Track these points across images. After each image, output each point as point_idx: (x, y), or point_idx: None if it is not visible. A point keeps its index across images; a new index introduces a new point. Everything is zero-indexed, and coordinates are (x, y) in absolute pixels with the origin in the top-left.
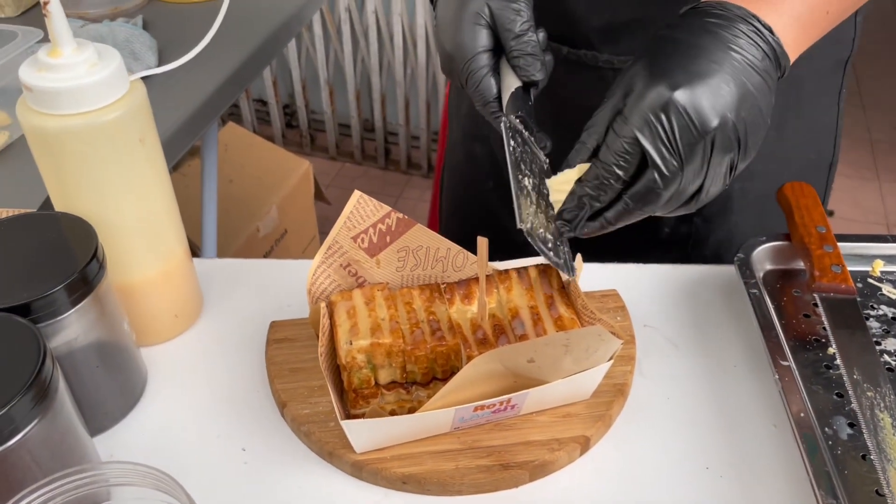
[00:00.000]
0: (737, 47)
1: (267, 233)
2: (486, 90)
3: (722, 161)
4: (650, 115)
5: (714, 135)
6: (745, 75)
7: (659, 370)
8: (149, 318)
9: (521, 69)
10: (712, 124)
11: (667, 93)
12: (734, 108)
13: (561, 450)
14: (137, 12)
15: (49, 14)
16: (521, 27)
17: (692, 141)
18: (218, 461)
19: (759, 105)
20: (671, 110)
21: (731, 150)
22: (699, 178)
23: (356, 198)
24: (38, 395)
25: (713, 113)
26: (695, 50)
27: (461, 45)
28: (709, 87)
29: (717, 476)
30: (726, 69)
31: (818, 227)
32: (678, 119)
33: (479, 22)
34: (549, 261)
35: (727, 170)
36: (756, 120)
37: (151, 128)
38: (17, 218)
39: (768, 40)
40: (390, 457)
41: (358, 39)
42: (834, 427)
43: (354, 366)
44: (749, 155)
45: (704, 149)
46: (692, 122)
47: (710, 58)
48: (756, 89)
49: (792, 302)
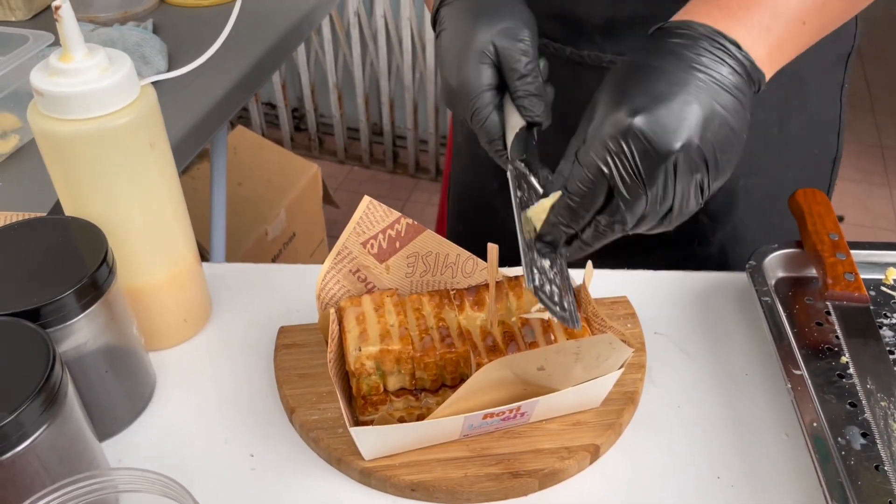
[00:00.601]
0: (701, 66)
1: (275, 236)
2: (491, 128)
3: (689, 182)
4: (609, 143)
5: (676, 158)
6: (712, 94)
7: (670, 378)
8: (158, 322)
9: (526, 109)
10: (673, 147)
11: (625, 119)
12: (698, 129)
13: (571, 458)
14: (147, 16)
15: (60, 19)
16: (527, 67)
17: (653, 165)
18: (226, 467)
19: (730, 123)
20: (629, 136)
21: (697, 172)
22: (667, 201)
23: (366, 203)
24: (47, 401)
25: (674, 136)
26: (655, 73)
27: (466, 82)
28: (669, 109)
29: (727, 485)
30: (689, 90)
31: (831, 235)
32: (637, 144)
33: (483, 60)
34: (556, 316)
35: (696, 190)
36: (727, 139)
37: (161, 132)
38: (27, 222)
39: (736, 56)
40: (399, 464)
41: (367, 43)
42: (847, 437)
43: (363, 372)
44: (722, 173)
45: (667, 172)
46: (652, 147)
47: (671, 79)
48: (725, 108)
49: (804, 310)
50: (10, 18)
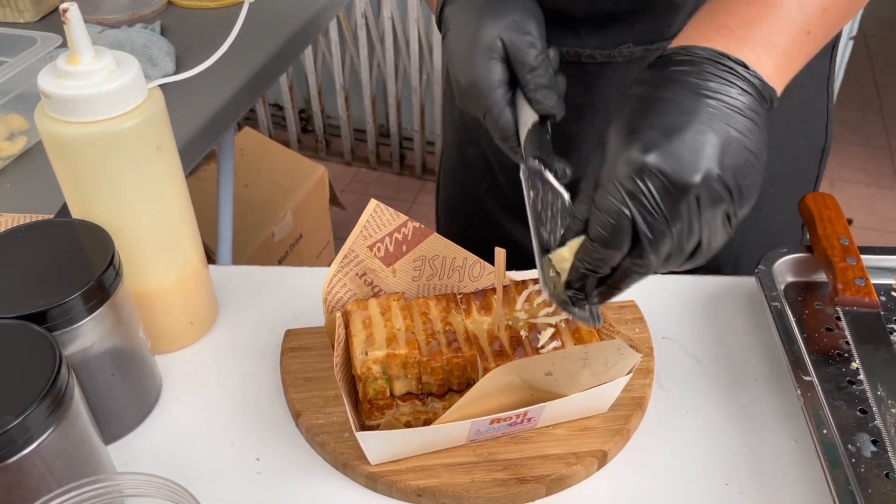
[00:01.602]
0: (709, 91)
1: (282, 237)
2: (504, 125)
3: (714, 214)
4: (626, 184)
5: (698, 191)
6: (725, 119)
7: (678, 383)
8: (164, 325)
9: (538, 103)
10: (693, 181)
11: (639, 157)
12: (716, 157)
13: (578, 464)
14: (155, 18)
15: (68, 21)
16: (536, 59)
17: (674, 201)
18: (232, 470)
19: (748, 146)
20: (646, 174)
21: (721, 202)
22: (693, 236)
23: (372, 206)
24: (54, 404)
25: (692, 169)
26: (663, 104)
27: (476, 80)
28: (683, 141)
29: (736, 492)
30: (701, 118)
31: (841, 240)
32: (654, 182)
33: (492, 56)
34: (575, 317)
35: (723, 221)
36: (746, 163)
37: (169, 135)
38: (34, 224)
39: (743, 76)
40: (405, 469)
41: (374, 45)
42: (857, 444)
43: (370, 376)
44: (748, 199)
45: (689, 206)
46: (671, 183)
47: (681, 109)
48: (740, 131)
49: (814, 315)
50: (19, 20)
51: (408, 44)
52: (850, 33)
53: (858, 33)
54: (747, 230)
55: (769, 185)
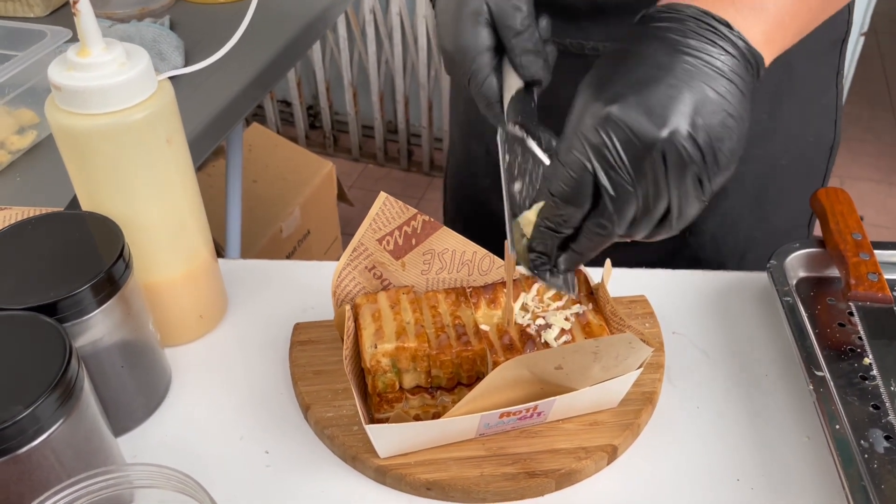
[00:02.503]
0: (689, 49)
1: (290, 233)
2: (488, 91)
3: (683, 176)
4: (589, 136)
5: (663, 147)
6: (702, 78)
7: (688, 378)
8: (173, 318)
9: (523, 68)
10: (658, 135)
11: (603, 108)
12: (688, 115)
13: (588, 458)
14: (164, 12)
15: (78, 13)
16: (522, 23)
17: (638, 156)
18: (241, 463)
19: (727, 110)
20: (610, 127)
21: (691, 164)
22: (661, 199)
23: (382, 199)
24: (64, 396)
25: (659, 123)
26: (636, 58)
27: (462, 45)
28: (652, 94)
29: (747, 488)
30: (676, 74)
31: (854, 234)
32: (618, 134)
33: (478, 21)
34: (546, 283)
35: (694, 185)
36: (723, 127)
37: (179, 128)
38: (44, 217)
39: (727, 37)
40: (414, 462)
41: (382, 41)
42: (870, 440)
43: (379, 370)
44: (723, 166)
45: (654, 164)
46: (635, 136)
47: (655, 63)
48: (719, 92)
49: (826, 310)
50: (29, 14)
51: (416, 40)
52: (861, 29)
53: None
54: (753, 225)
55: (775, 182)
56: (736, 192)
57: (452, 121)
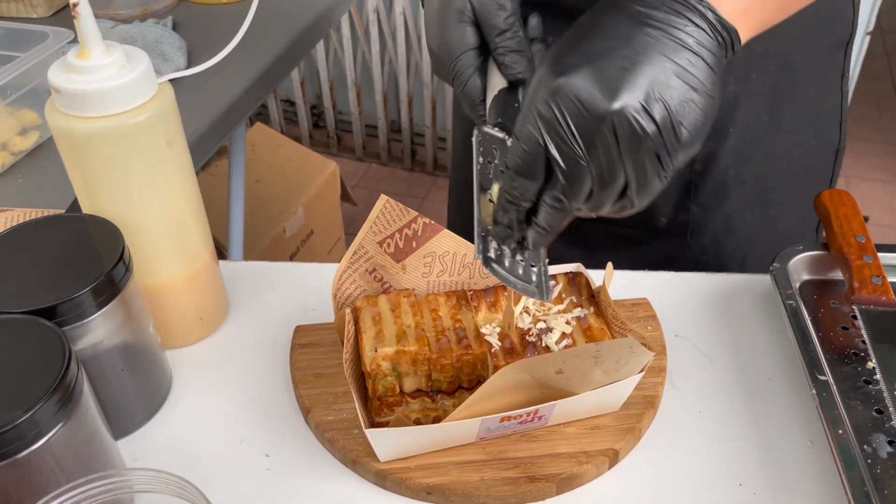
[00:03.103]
0: (652, 20)
1: (293, 233)
2: (472, 91)
3: (637, 150)
4: (541, 108)
5: (614, 120)
6: (664, 50)
7: (691, 382)
8: (174, 320)
9: (507, 67)
10: (609, 107)
11: (554, 80)
12: (643, 88)
13: (589, 463)
14: (167, 13)
15: (78, 16)
16: (506, 22)
17: (588, 129)
18: (241, 467)
19: (690, 83)
20: (559, 97)
21: (645, 137)
22: (616, 173)
23: (382, 202)
24: (63, 399)
25: (609, 95)
26: (594, 29)
27: (446, 44)
28: (605, 66)
29: (750, 493)
30: (634, 45)
31: (857, 237)
32: (568, 106)
33: (462, 19)
34: (517, 289)
35: (650, 160)
36: (684, 100)
37: (179, 131)
38: (44, 219)
39: (696, 8)
40: (415, 466)
41: (386, 40)
42: (873, 445)
43: (379, 373)
44: (685, 143)
45: (605, 138)
46: (584, 108)
47: (613, 35)
48: (682, 65)
49: (830, 314)
50: (32, 15)
51: (419, 39)
52: (867, 28)
53: (875, 28)
54: (755, 228)
55: (777, 184)
56: (737, 193)
57: (455, 119)
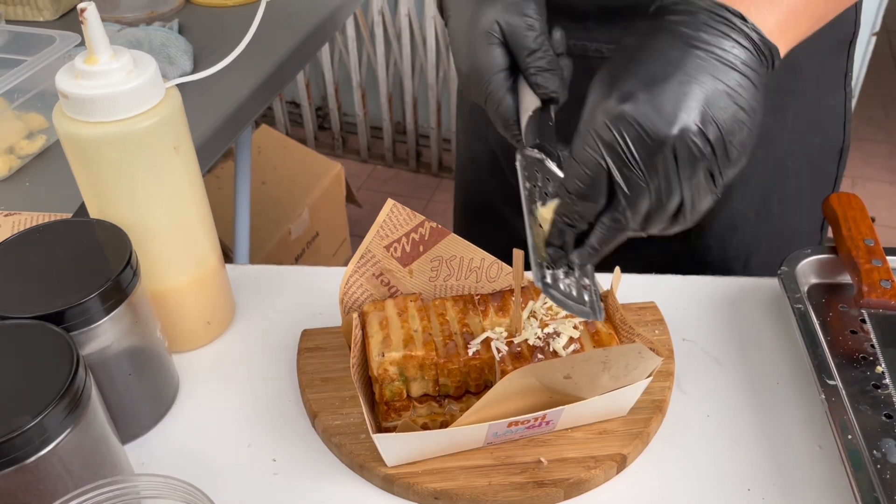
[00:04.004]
0: (700, 42)
1: (298, 235)
2: (506, 112)
3: (694, 170)
4: (602, 133)
5: (674, 143)
6: (715, 72)
7: (699, 386)
8: (181, 324)
9: (539, 87)
10: (669, 132)
11: (615, 106)
12: (698, 110)
13: (597, 468)
14: (173, 16)
15: (86, 21)
16: (536, 42)
17: (650, 153)
18: (248, 471)
19: (738, 103)
20: (621, 124)
21: (702, 158)
22: (673, 194)
23: (389, 206)
24: (71, 405)
25: (669, 120)
26: (648, 53)
27: (477, 66)
28: (662, 91)
29: (758, 498)
30: (687, 69)
31: (866, 241)
32: (630, 132)
33: (491, 41)
34: (572, 312)
35: (706, 179)
36: (735, 120)
37: (186, 135)
38: (52, 224)
39: (741, 29)
40: (422, 471)
41: (391, 42)
42: (882, 449)
43: (386, 378)
44: (735, 160)
45: (666, 160)
46: (646, 134)
47: (666, 59)
48: (731, 86)
49: (838, 317)
50: (38, 18)
51: (424, 41)
52: (873, 29)
53: (881, 29)
54: (759, 228)
55: (781, 184)
56: (741, 193)
57: (459, 122)
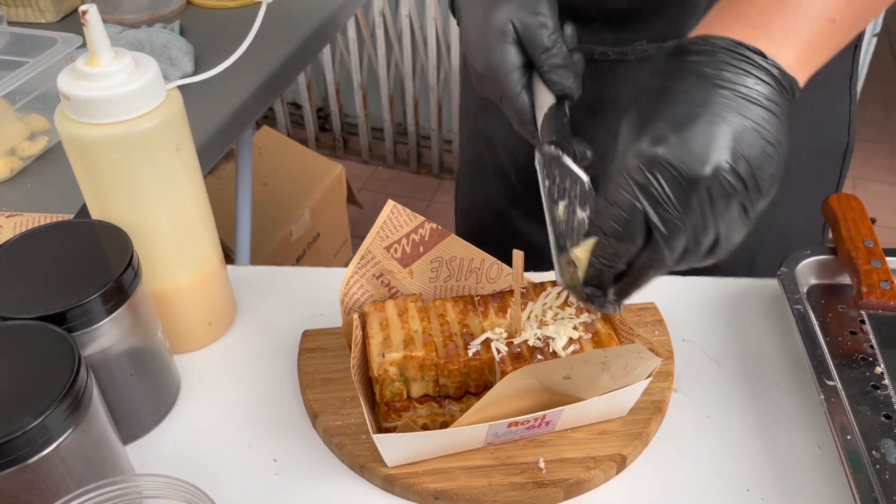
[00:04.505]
0: (724, 82)
1: (300, 236)
2: (521, 109)
3: (728, 207)
4: (636, 177)
5: (708, 183)
6: (739, 109)
7: (698, 387)
8: (182, 325)
9: (554, 83)
10: (703, 173)
11: (648, 149)
12: (728, 149)
13: (597, 468)
14: (174, 18)
15: (87, 23)
16: (550, 39)
17: (685, 194)
18: (249, 471)
19: (766, 138)
20: (655, 167)
21: (735, 195)
22: (708, 230)
23: (389, 207)
24: (73, 405)
25: (702, 161)
26: (675, 95)
27: (492, 65)
28: (693, 134)
29: (758, 498)
30: (714, 109)
31: (865, 241)
32: (664, 174)
33: (505, 40)
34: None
35: (739, 213)
36: (762, 154)
37: (187, 136)
38: (53, 225)
39: (761, 65)
40: (422, 471)
41: (392, 44)
42: (882, 450)
43: (387, 378)
44: (765, 192)
45: (701, 199)
46: (680, 175)
47: (693, 101)
48: (756, 122)
49: (837, 318)
50: (40, 20)
51: (425, 42)
52: (874, 30)
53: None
54: (763, 231)
55: (785, 186)
56: None
57: (462, 124)
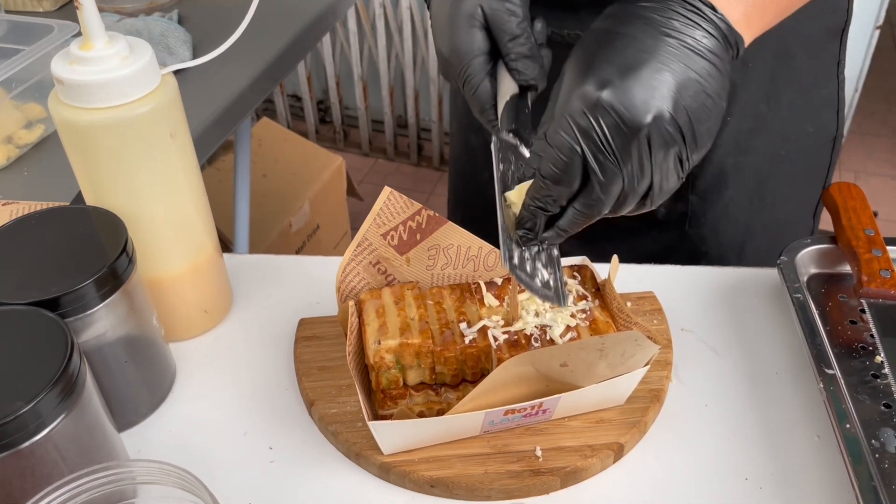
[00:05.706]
0: (672, 30)
1: (299, 228)
2: (482, 96)
3: (666, 156)
4: (578, 120)
5: (648, 131)
6: (685, 60)
7: (697, 376)
8: (178, 313)
9: (519, 73)
10: (645, 120)
11: (593, 93)
12: (671, 98)
13: (594, 456)
14: (173, 7)
15: (80, 6)
16: (519, 27)
17: (625, 141)
18: (245, 459)
19: (706, 90)
20: (598, 111)
21: (673, 144)
22: (644, 178)
23: (386, 194)
24: (65, 390)
25: (645, 109)
26: (622, 40)
27: (456, 49)
28: (638, 79)
29: (756, 487)
30: (660, 57)
31: (866, 230)
32: (606, 119)
33: (473, 24)
34: (538, 295)
35: (675, 164)
36: (703, 107)
37: (182, 122)
38: (48, 211)
39: (710, 18)
40: (418, 459)
41: (392, 35)
42: (881, 439)
43: (383, 366)
44: (702, 144)
45: (640, 147)
46: (622, 122)
47: (640, 47)
48: (700, 74)
49: (837, 307)
50: (37, 9)
51: (426, 34)
52: (876, 22)
53: (885, 23)
54: (753, 217)
55: (775, 173)
56: (735, 182)
57: (452, 114)
